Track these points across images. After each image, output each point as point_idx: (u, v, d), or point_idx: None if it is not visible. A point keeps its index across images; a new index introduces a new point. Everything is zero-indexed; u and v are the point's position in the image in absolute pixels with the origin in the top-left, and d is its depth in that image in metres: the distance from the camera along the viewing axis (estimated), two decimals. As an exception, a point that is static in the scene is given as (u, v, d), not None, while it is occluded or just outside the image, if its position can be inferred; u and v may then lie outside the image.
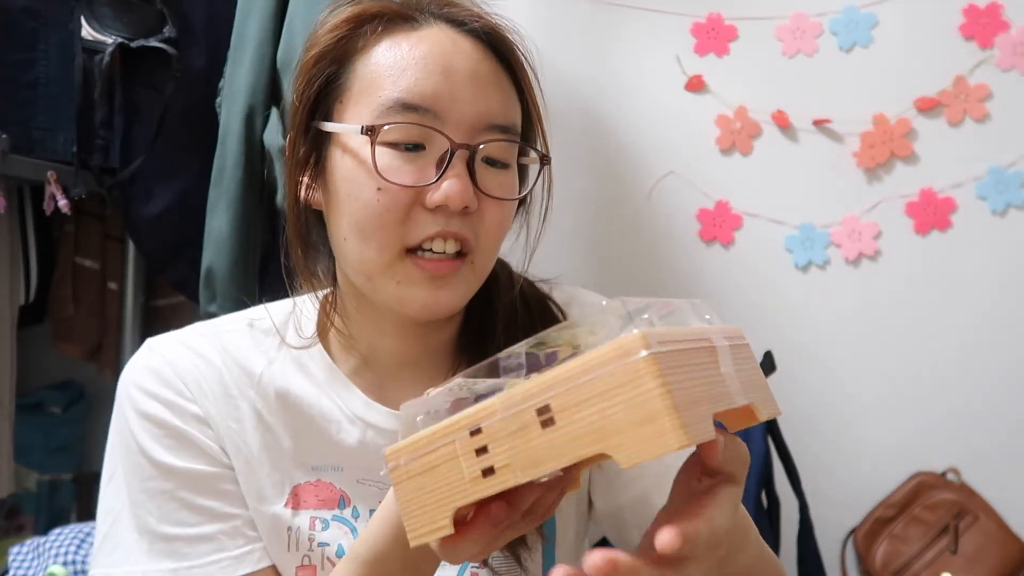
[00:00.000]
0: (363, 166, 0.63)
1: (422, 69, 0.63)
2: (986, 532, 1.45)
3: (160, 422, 0.68)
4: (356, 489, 0.71)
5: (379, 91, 0.63)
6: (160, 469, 0.67)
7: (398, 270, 0.64)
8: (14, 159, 1.27)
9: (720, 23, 1.58)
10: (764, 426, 1.24)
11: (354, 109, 0.65)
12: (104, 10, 1.32)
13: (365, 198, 0.63)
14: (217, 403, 0.69)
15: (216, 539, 0.67)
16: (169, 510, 0.67)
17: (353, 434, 0.71)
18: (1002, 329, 1.50)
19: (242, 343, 0.72)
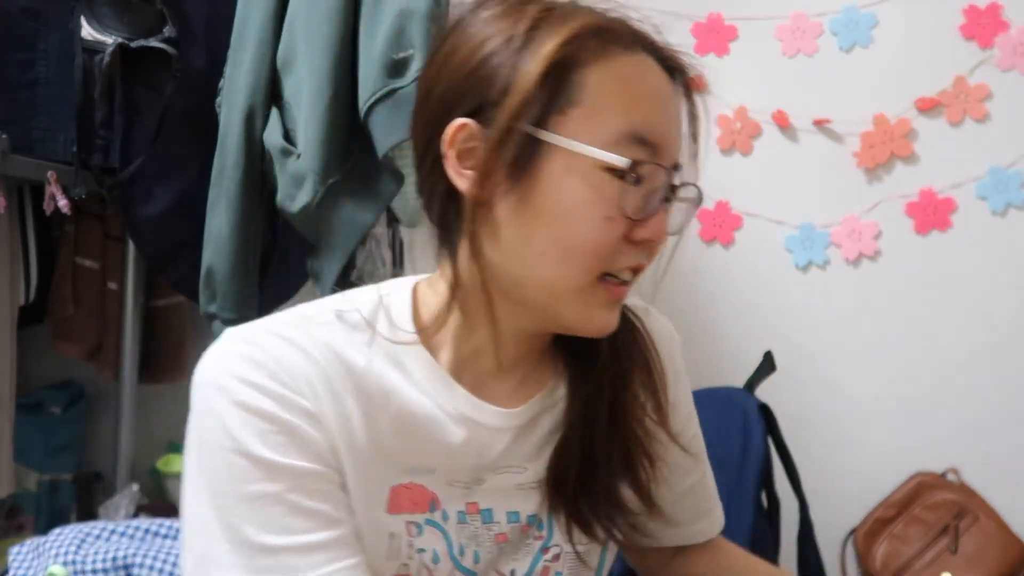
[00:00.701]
0: (597, 192, 0.62)
1: (651, 103, 0.66)
2: (986, 532, 1.45)
3: (267, 415, 0.62)
4: (445, 491, 0.70)
5: (612, 115, 0.63)
6: (266, 469, 0.61)
7: (589, 293, 0.65)
8: (14, 159, 1.27)
9: (720, 23, 1.58)
10: (764, 426, 1.24)
11: (583, 127, 0.63)
12: (104, 10, 1.32)
13: (589, 223, 0.63)
14: (325, 399, 0.64)
15: (330, 547, 0.61)
16: (274, 516, 0.60)
17: (459, 434, 0.69)
18: (1002, 329, 1.50)
19: (337, 337, 0.67)
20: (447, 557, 0.69)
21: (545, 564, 0.73)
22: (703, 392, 1.37)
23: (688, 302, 1.62)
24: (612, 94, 0.64)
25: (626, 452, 0.73)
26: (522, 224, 0.64)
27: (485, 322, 0.69)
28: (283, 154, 1.24)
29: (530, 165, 0.63)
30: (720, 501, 0.90)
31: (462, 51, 0.65)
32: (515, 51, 0.63)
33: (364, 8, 1.19)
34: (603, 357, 0.72)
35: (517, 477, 0.72)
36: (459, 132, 0.64)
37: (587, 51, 0.64)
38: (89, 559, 0.93)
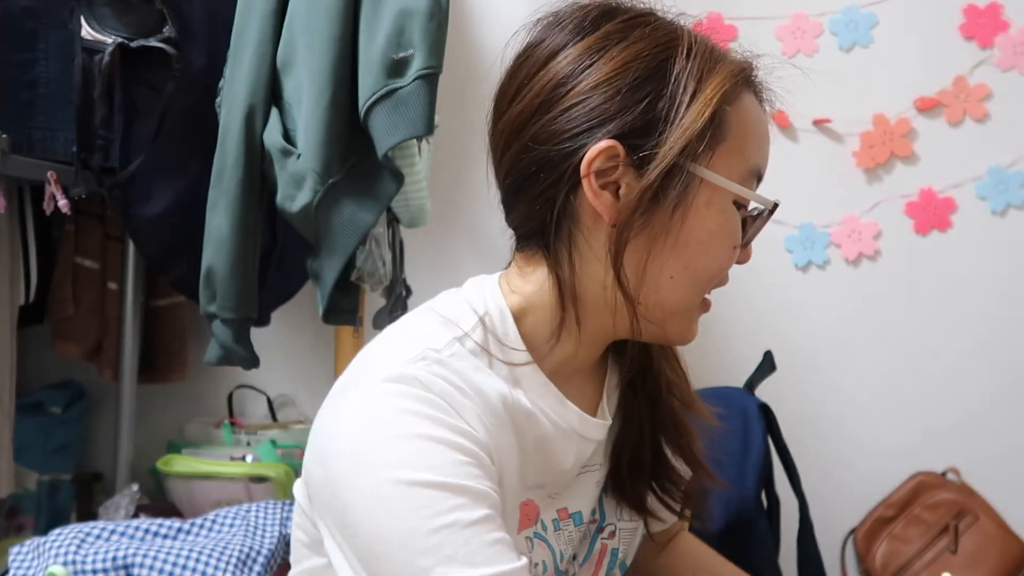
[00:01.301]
0: (729, 224, 0.67)
1: (765, 139, 0.71)
2: (986, 532, 1.45)
3: (458, 446, 0.59)
4: (544, 503, 0.71)
5: (748, 153, 0.68)
6: (467, 495, 0.57)
7: (695, 310, 0.71)
8: (14, 159, 1.27)
9: (720, 23, 1.58)
10: (764, 425, 1.24)
11: (726, 163, 0.66)
12: (104, 10, 1.32)
13: (720, 254, 0.68)
14: (490, 429, 0.63)
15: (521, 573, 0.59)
16: (479, 547, 0.56)
17: (571, 449, 0.71)
18: (1002, 329, 1.50)
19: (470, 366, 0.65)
20: (552, 565, 0.71)
21: (603, 541, 0.77)
22: (703, 392, 1.37)
23: (688, 302, 1.62)
24: (746, 133, 0.68)
25: (677, 427, 0.78)
26: (661, 250, 0.65)
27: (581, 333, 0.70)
28: (283, 154, 1.24)
29: (683, 197, 0.64)
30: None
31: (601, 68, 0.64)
32: (673, 82, 0.64)
33: (364, 8, 1.19)
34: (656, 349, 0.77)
35: (596, 475, 0.76)
36: (603, 153, 0.63)
37: (733, 92, 0.66)
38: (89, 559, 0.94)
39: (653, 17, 0.69)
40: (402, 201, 1.31)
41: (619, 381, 0.78)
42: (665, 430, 0.78)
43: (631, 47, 0.65)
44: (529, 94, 0.66)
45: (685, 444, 0.79)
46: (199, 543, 0.99)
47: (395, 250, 1.40)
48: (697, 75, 0.64)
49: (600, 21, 0.67)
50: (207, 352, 1.33)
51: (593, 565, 0.77)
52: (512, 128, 0.67)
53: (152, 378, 1.62)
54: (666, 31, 0.67)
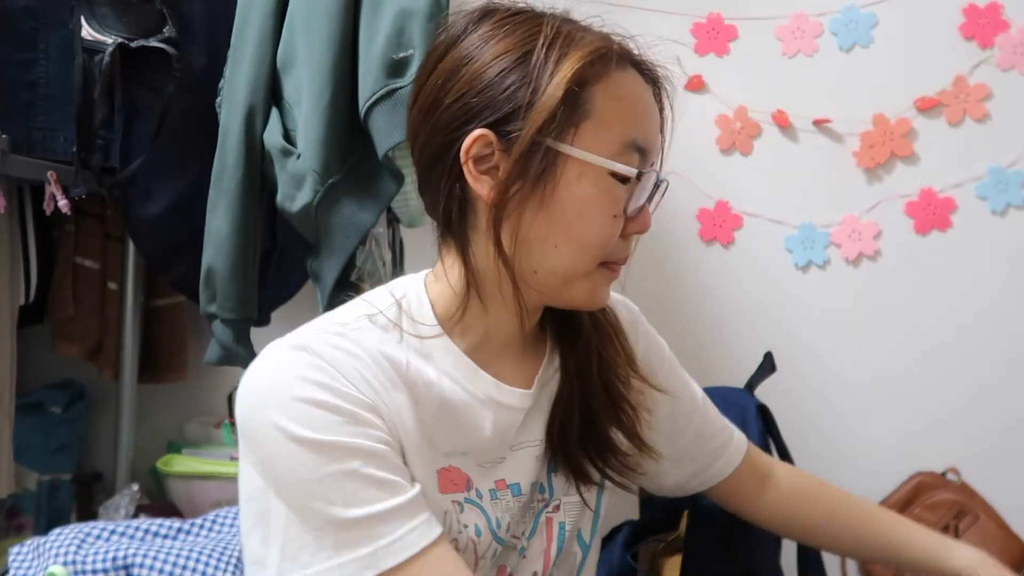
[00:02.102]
0: (605, 195, 0.72)
1: (645, 114, 0.75)
2: (986, 532, 1.45)
3: (331, 407, 0.67)
4: (476, 472, 0.77)
5: (617, 127, 0.72)
6: (340, 450, 0.66)
7: (595, 276, 0.75)
8: (14, 159, 1.27)
9: (720, 23, 1.58)
10: (762, 425, 1.24)
11: (593, 138, 0.72)
12: (104, 10, 1.32)
13: (598, 222, 0.73)
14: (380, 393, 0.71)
15: (408, 508, 0.67)
16: (355, 490, 0.66)
17: (488, 417, 0.77)
18: (1002, 328, 1.50)
19: (375, 338, 0.73)
20: (487, 530, 0.77)
21: (547, 516, 0.82)
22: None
23: (688, 302, 1.62)
24: (615, 109, 0.73)
25: (614, 402, 0.84)
26: (540, 223, 0.72)
27: (497, 307, 0.77)
28: (283, 154, 1.24)
29: (549, 173, 0.71)
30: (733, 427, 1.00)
31: (473, 65, 0.73)
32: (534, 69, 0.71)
33: (364, 8, 1.19)
34: (586, 326, 0.83)
35: (535, 450, 0.81)
36: (477, 141, 0.71)
37: (595, 71, 0.72)
38: (89, 559, 0.93)
39: (525, 12, 0.75)
40: (402, 201, 1.31)
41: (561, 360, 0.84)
42: (600, 405, 0.83)
43: (500, 43, 0.72)
44: (424, 91, 0.75)
45: (625, 420, 0.84)
46: (199, 543, 0.99)
47: (395, 250, 1.40)
48: (555, 59, 0.71)
49: (480, 21, 0.75)
50: (207, 352, 1.33)
51: (543, 539, 0.82)
52: (414, 124, 0.76)
53: (152, 378, 1.62)
54: (532, 23, 0.74)
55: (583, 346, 0.83)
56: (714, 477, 0.97)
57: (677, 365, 0.97)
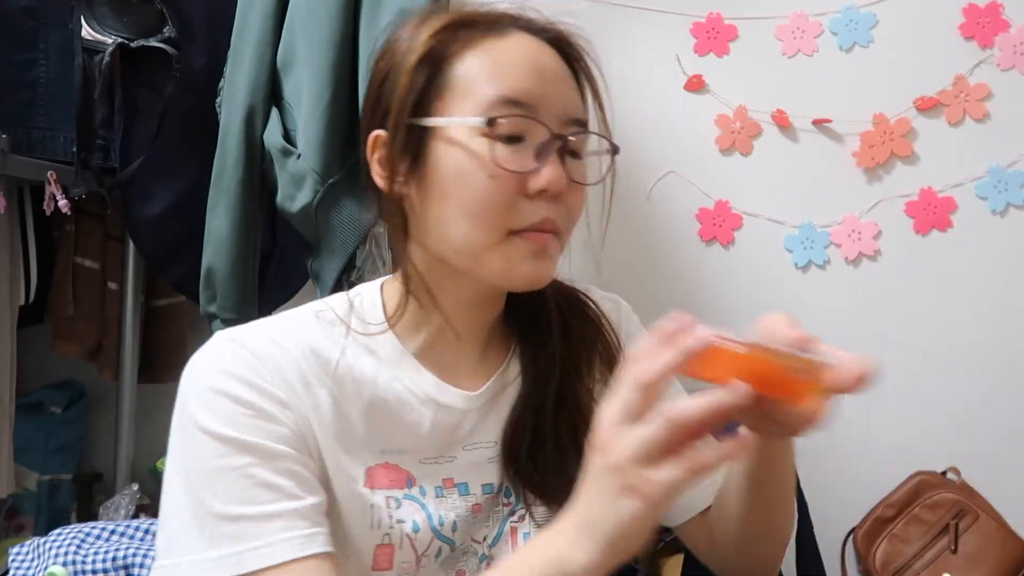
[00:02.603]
0: (474, 156, 0.70)
1: (518, 69, 0.72)
2: (986, 532, 1.45)
3: (240, 399, 0.68)
4: (419, 469, 0.76)
5: (481, 89, 0.70)
6: (234, 445, 0.67)
7: (506, 248, 0.71)
8: (14, 159, 1.27)
9: (720, 23, 1.58)
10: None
11: (457, 106, 0.71)
12: (104, 10, 1.32)
13: (476, 184, 0.70)
14: (298, 389, 0.71)
15: (286, 517, 0.67)
16: (239, 488, 0.66)
17: (426, 415, 0.75)
18: (1002, 328, 1.50)
19: (315, 333, 0.74)
20: (427, 526, 0.75)
21: (512, 524, 0.79)
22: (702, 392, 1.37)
23: (687, 302, 1.62)
24: (480, 71, 0.71)
25: (573, 429, 0.79)
26: (429, 204, 0.72)
27: (447, 302, 0.76)
28: (283, 154, 1.24)
29: (421, 152, 0.71)
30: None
31: (378, 68, 0.75)
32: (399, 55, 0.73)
33: (364, 8, 1.19)
34: (552, 338, 0.80)
35: (488, 452, 0.79)
36: (375, 142, 0.74)
37: (457, 41, 0.72)
38: (89, 559, 0.93)
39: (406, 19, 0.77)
40: (402, 201, 1.31)
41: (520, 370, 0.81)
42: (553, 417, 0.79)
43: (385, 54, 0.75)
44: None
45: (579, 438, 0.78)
46: (199, 543, 0.99)
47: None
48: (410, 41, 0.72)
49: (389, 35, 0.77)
50: (207, 352, 1.33)
51: (508, 549, 0.79)
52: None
53: (152, 378, 1.62)
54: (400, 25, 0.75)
55: (543, 364, 0.80)
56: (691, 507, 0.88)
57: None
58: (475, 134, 0.70)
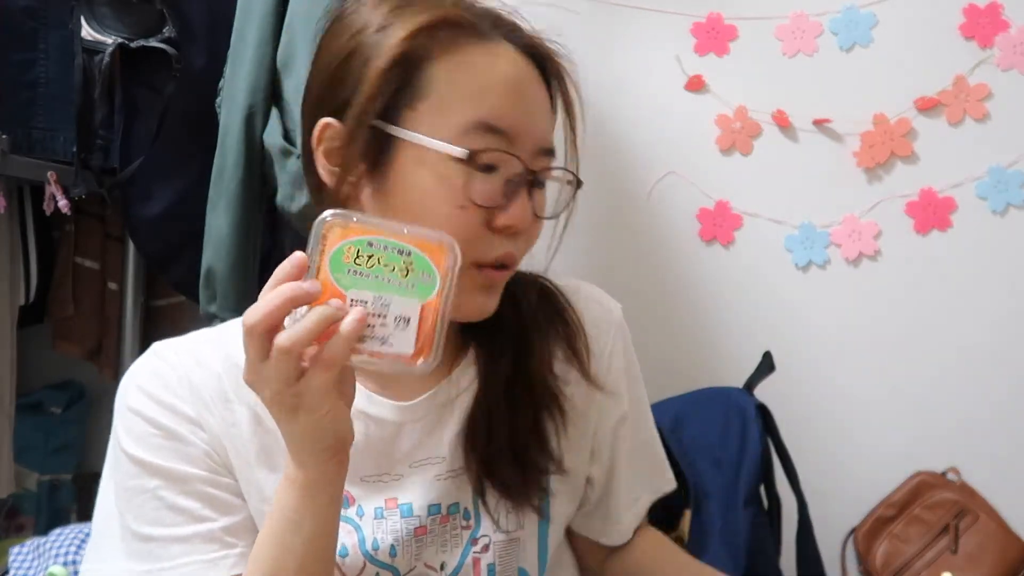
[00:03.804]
0: (445, 182, 0.64)
1: (502, 92, 0.66)
2: (986, 532, 1.45)
3: (151, 420, 0.69)
4: (360, 488, 0.73)
5: (460, 107, 0.65)
6: (143, 467, 0.68)
7: (464, 279, 0.64)
8: (14, 159, 1.27)
9: (720, 23, 1.58)
10: (761, 426, 1.24)
11: (431, 120, 0.65)
12: (104, 10, 1.32)
13: (443, 212, 0.64)
14: (213, 407, 0.70)
15: (191, 541, 0.67)
16: (149, 509, 0.67)
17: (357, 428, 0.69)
18: (1002, 329, 1.50)
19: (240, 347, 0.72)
20: (357, 551, 0.72)
21: (475, 555, 0.75)
22: (702, 392, 1.37)
23: (687, 302, 1.62)
24: (460, 86, 0.65)
25: (532, 410, 0.76)
26: (383, 215, 0.66)
27: None
28: (283, 154, 1.23)
29: (383, 159, 0.65)
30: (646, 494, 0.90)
31: (332, 47, 0.69)
32: (367, 46, 0.65)
33: (364, 8, 1.19)
34: (505, 328, 0.75)
35: (435, 468, 0.74)
36: (324, 131, 0.67)
37: (437, 44, 0.65)
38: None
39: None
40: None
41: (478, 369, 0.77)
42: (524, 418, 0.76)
43: (344, 25, 0.68)
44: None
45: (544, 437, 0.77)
46: (199, 543, 0.99)
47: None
48: (384, 32, 0.65)
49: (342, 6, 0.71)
50: (207, 352, 1.33)
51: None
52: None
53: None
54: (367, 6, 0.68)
55: (497, 346, 0.76)
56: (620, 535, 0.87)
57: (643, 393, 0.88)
58: (446, 158, 0.64)
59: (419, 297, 0.58)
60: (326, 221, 0.56)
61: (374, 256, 0.57)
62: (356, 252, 0.56)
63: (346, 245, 0.56)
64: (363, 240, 0.56)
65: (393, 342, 0.57)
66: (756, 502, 1.22)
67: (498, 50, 0.67)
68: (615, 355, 0.84)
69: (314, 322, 0.55)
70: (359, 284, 0.56)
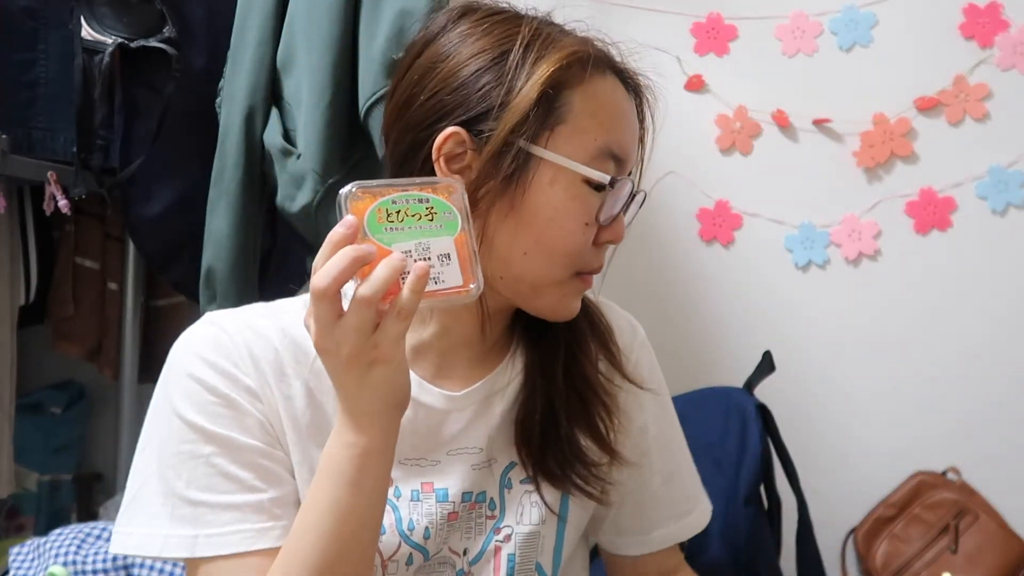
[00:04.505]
0: (576, 201, 0.71)
1: (622, 121, 0.75)
2: (986, 532, 1.45)
3: (211, 388, 0.70)
4: (399, 470, 0.76)
5: (592, 133, 0.72)
6: (201, 433, 0.69)
7: (566, 285, 0.74)
8: (14, 159, 1.27)
9: (720, 23, 1.58)
10: (761, 425, 1.24)
11: (567, 143, 0.71)
12: (104, 10, 1.32)
13: (571, 229, 0.72)
14: (271, 379, 0.72)
15: (242, 509, 0.69)
16: (201, 475, 0.69)
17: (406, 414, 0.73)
18: (1002, 328, 1.50)
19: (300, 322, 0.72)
20: (394, 530, 0.75)
21: (497, 544, 0.79)
22: (702, 392, 1.37)
23: (688, 302, 1.62)
24: (592, 114, 0.72)
25: (583, 403, 0.81)
26: (509, 227, 0.71)
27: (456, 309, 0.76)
28: (283, 154, 1.24)
29: (521, 175, 0.70)
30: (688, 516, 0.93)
31: (449, 63, 0.72)
32: (510, 70, 0.71)
33: (364, 8, 1.19)
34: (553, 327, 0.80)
35: (473, 457, 0.78)
36: (450, 139, 0.71)
37: (572, 75, 0.72)
38: (89, 559, 0.93)
39: (505, 12, 0.75)
40: (402, 201, 1.31)
41: (525, 358, 0.82)
42: (565, 405, 0.80)
43: (478, 42, 0.72)
44: (400, 87, 0.75)
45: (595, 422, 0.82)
46: (199, 543, 0.99)
47: (395, 250, 1.39)
48: (532, 61, 0.71)
49: (460, 19, 0.75)
50: (207, 352, 1.33)
51: (491, 570, 0.78)
52: (389, 120, 0.76)
53: (152, 378, 1.60)
54: (511, 23, 0.73)
55: (548, 343, 0.81)
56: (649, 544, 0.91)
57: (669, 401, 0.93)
58: (580, 179, 0.71)
59: (449, 234, 0.64)
60: (351, 193, 0.61)
61: (401, 211, 0.62)
62: (386, 212, 0.62)
63: (375, 208, 0.61)
64: (387, 200, 0.62)
65: (445, 279, 0.63)
66: (756, 502, 1.22)
67: (613, 83, 0.75)
68: (640, 366, 0.90)
69: (387, 272, 0.59)
70: (399, 238, 0.62)
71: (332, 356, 0.61)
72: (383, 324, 0.60)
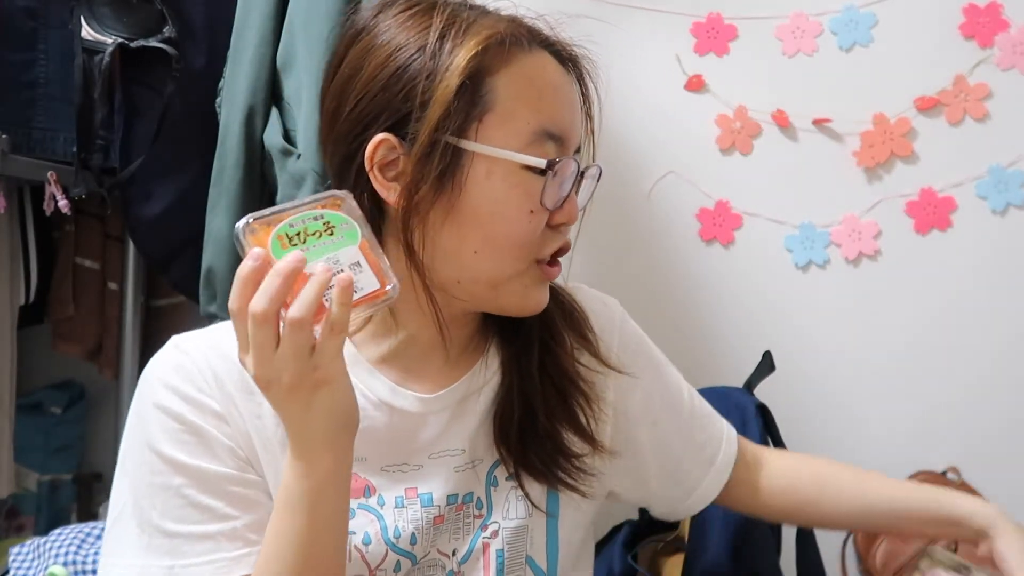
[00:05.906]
0: (517, 190, 0.68)
1: (556, 98, 0.71)
2: (986, 532, 1.45)
3: (177, 416, 0.69)
4: (381, 478, 0.75)
5: (523, 117, 0.69)
6: (170, 464, 0.68)
7: (526, 276, 0.72)
8: (14, 159, 1.27)
9: (720, 23, 1.58)
10: (761, 425, 1.24)
11: (498, 132, 0.68)
12: (104, 10, 1.32)
13: (516, 218, 0.69)
14: (238, 399, 0.71)
15: (215, 539, 0.68)
16: (173, 506, 0.68)
17: (380, 420, 0.74)
18: (1003, 328, 1.50)
19: None
20: (380, 539, 0.74)
21: (484, 541, 0.78)
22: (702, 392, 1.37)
23: (687, 302, 1.62)
24: (520, 96, 0.69)
25: (562, 395, 0.79)
26: (453, 228, 0.69)
27: (415, 316, 0.74)
28: (283, 154, 1.24)
29: (455, 173, 0.68)
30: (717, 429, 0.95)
31: (369, 68, 0.69)
32: (427, 63, 0.67)
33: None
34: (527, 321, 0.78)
35: (455, 460, 0.77)
36: (379, 146, 0.68)
37: (492, 59, 0.68)
38: (89, 559, 0.94)
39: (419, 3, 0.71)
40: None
41: (501, 356, 0.80)
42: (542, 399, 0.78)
43: (394, 40, 0.69)
44: (329, 94, 0.72)
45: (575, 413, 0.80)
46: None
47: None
48: (449, 51, 0.68)
49: (376, 17, 0.71)
50: (207, 352, 1.33)
51: (480, 567, 0.77)
52: (322, 131, 0.74)
53: (152, 378, 1.62)
54: (425, 15, 0.70)
55: (522, 338, 0.79)
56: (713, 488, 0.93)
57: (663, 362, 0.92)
58: (517, 166, 0.68)
59: (353, 243, 0.63)
60: (247, 226, 0.61)
61: (300, 232, 0.62)
62: (287, 236, 0.61)
63: (275, 235, 0.61)
64: (284, 225, 0.62)
65: (362, 286, 0.62)
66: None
67: (542, 58, 0.72)
68: (624, 346, 0.88)
69: (316, 289, 0.58)
70: (309, 258, 0.61)
71: (275, 386, 0.59)
72: (319, 343, 0.59)
